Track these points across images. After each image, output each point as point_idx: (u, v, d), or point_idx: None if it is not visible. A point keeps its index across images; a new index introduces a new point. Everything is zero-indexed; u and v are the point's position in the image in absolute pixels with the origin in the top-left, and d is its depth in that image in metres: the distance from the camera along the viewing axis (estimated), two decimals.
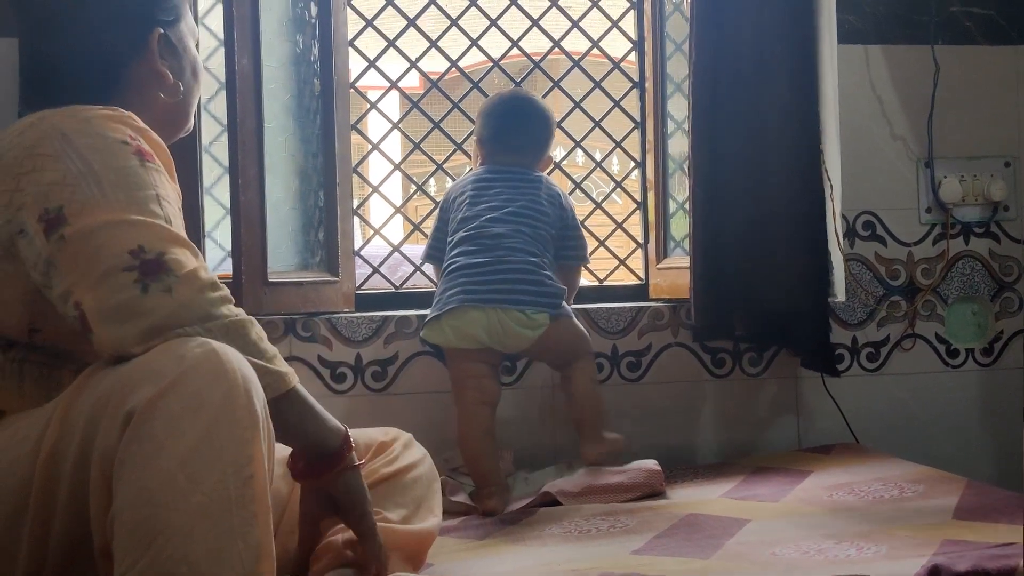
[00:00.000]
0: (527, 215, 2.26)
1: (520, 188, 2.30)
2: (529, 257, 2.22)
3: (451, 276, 2.22)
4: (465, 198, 2.31)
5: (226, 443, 1.14)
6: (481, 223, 2.24)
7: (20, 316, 1.33)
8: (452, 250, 2.26)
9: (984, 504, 1.90)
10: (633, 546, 1.77)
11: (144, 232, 1.26)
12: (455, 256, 2.24)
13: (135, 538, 1.09)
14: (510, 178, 2.32)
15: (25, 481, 1.21)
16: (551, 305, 2.20)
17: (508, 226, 2.23)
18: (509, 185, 2.30)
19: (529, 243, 2.24)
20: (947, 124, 2.68)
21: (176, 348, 1.18)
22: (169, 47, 1.53)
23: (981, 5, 2.71)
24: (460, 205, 2.31)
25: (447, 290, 2.21)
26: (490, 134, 2.39)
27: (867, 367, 2.65)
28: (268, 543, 1.15)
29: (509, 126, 2.39)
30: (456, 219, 2.30)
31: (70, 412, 1.21)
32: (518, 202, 2.27)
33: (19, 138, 1.33)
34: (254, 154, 2.23)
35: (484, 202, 2.28)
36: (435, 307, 2.22)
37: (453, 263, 2.23)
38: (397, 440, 1.75)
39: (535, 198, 2.30)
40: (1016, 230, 2.72)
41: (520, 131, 2.39)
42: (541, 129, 2.41)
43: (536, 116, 2.41)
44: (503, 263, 2.19)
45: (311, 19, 2.46)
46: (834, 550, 1.67)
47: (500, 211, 2.25)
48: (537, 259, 2.23)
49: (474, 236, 2.23)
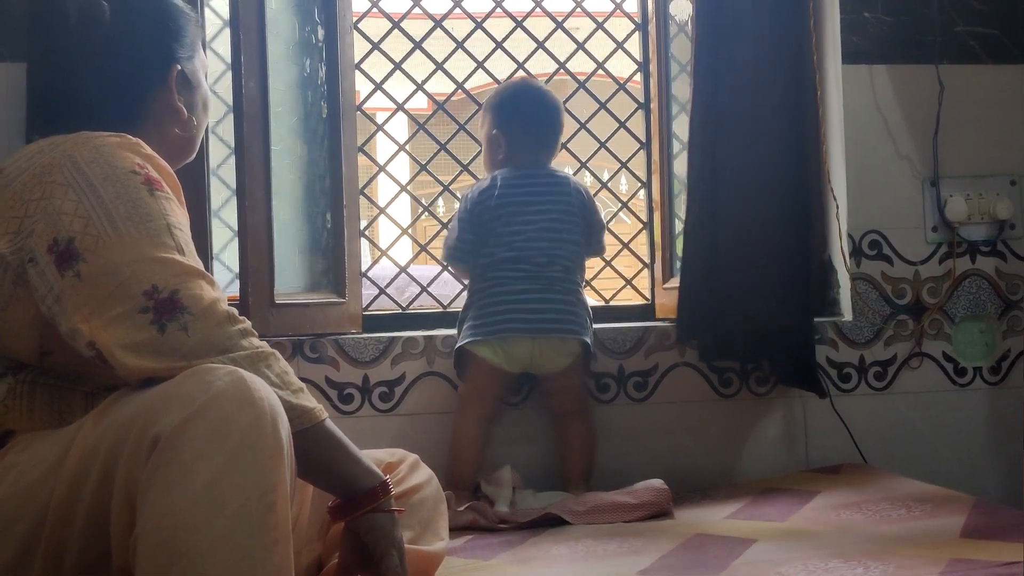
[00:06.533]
0: (564, 231, 2.39)
1: (553, 195, 2.40)
2: (569, 285, 2.38)
3: (499, 298, 2.33)
4: (501, 207, 2.37)
5: (251, 469, 1.15)
6: (525, 244, 2.35)
7: (31, 339, 1.34)
8: (496, 268, 2.35)
9: (991, 523, 1.89)
10: (640, 566, 1.77)
11: (158, 269, 1.27)
12: (500, 276, 2.34)
13: (158, 559, 1.10)
14: (542, 184, 2.41)
15: (43, 502, 1.22)
16: (579, 332, 2.35)
17: (549, 246, 2.35)
18: (542, 193, 2.40)
19: (569, 271, 2.39)
20: (952, 143, 2.68)
21: (204, 375, 1.19)
22: (185, 82, 1.56)
23: (986, 25, 2.71)
24: (496, 214, 2.37)
25: (497, 313, 2.32)
26: (515, 126, 2.45)
27: (874, 386, 2.65)
28: (288, 570, 1.16)
29: (534, 118, 2.47)
30: (493, 230, 2.37)
31: (93, 436, 1.22)
32: (551, 214, 2.38)
33: (28, 163, 1.35)
34: (261, 177, 2.25)
35: (522, 216, 2.36)
36: (484, 326, 2.32)
37: (499, 283, 2.34)
38: (403, 461, 1.76)
39: (566, 206, 2.40)
40: (1022, 248, 2.72)
41: (543, 122, 2.48)
42: (560, 117, 2.51)
43: (555, 105, 2.50)
44: (549, 292, 2.34)
45: (318, 42, 2.48)
46: (841, 569, 1.66)
47: (539, 226, 2.36)
48: (576, 287, 2.41)
49: (519, 258, 2.34)
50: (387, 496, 1.40)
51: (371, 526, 1.39)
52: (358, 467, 1.38)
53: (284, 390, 1.28)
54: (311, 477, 1.38)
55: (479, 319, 2.33)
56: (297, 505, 1.54)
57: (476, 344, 2.33)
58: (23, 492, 1.24)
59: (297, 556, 1.51)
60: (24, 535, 1.23)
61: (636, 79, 2.86)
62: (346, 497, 1.39)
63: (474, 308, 2.36)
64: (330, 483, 1.39)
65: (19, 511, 1.23)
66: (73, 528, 1.21)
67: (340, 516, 1.41)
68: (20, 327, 1.34)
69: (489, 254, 2.36)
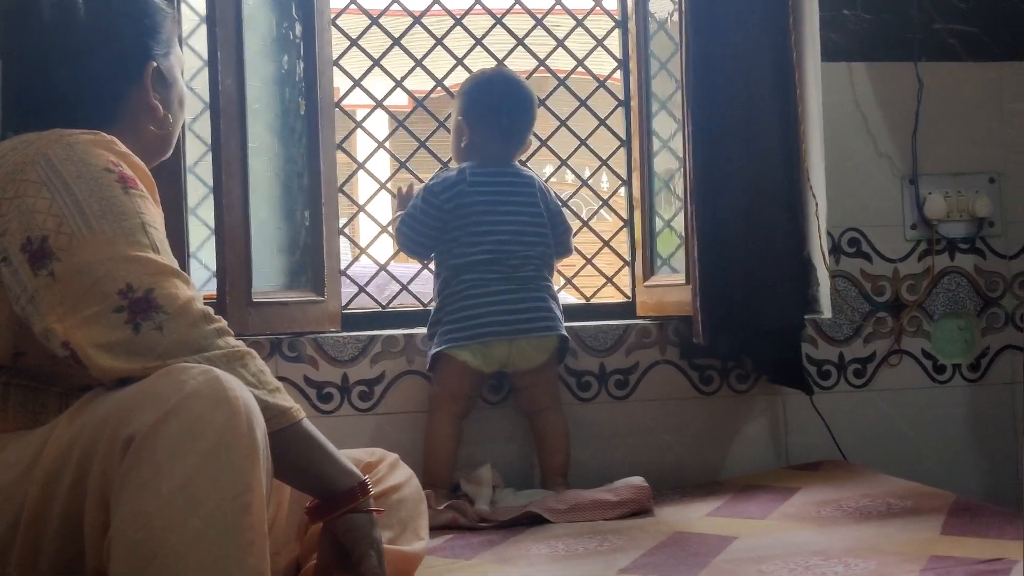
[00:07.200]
0: (534, 231, 2.40)
1: (522, 195, 2.41)
2: (542, 283, 2.40)
3: (475, 300, 2.33)
4: (471, 206, 2.36)
5: (225, 469, 1.14)
6: (497, 246, 2.35)
7: (5, 340, 1.33)
8: (469, 270, 2.34)
9: (972, 520, 1.91)
10: (620, 564, 1.77)
11: (132, 268, 1.26)
12: (475, 278, 2.34)
13: (132, 561, 1.09)
14: (510, 183, 2.41)
15: (19, 503, 1.21)
16: (556, 328, 2.37)
17: (524, 249, 2.37)
18: (511, 193, 2.40)
19: (540, 268, 2.40)
20: (931, 141, 2.69)
21: (177, 374, 1.18)
22: (160, 79, 1.55)
23: (964, 22, 2.72)
24: (465, 211, 2.36)
25: (476, 316, 2.31)
26: (483, 117, 2.43)
27: (854, 383, 2.66)
28: (264, 571, 1.15)
29: (503, 110, 2.44)
30: (463, 228, 2.36)
31: (67, 435, 1.21)
32: (520, 218, 2.38)
33: (1, 161, 1.34)
34: (238, 175, 2.24)
35: (493, 216, 2.36)
36: (462, 329, 2.32)
37: (474, 285, 2.34)
38: (383, 461, 1.75)
39: (534, 206, 2.41)
40: (1001, 246, 2.74)
41: (513, 114, 2.44)
42: (531, 111, 2.48)
43: (527, 98, 2.48)
44: (524, 292, 2.35)
45: (295, 39, 2.47)
46: (822, 567, 1.67)
47: (510, 228, 2.37)
48: (548, 284, 2.42)
49: (493, 260, 2.35)
50: (366, 496, 1.39)
51: (349, 527, 1.38)
52: (336, 467, 1.37)
53: (260, 389, 1.27)
54: (288, 478, 1.37)
55: (456, 323, 2.33)
56: (274, 506, 1.53)
57: (454, 347, 2.32)
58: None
59: (275, 557, 1.50)
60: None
61: (616, 76, 2.86)
62: (324, 498, 1.38)
63: (449, 311, 2.35)
64: (308, 483, 1.38)
65: None
66: (48, 528, 1.20)
67: (318, 517, 1.39)
68: None
69: (461, 254, 2.35)
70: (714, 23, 2.44)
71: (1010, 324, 2.74)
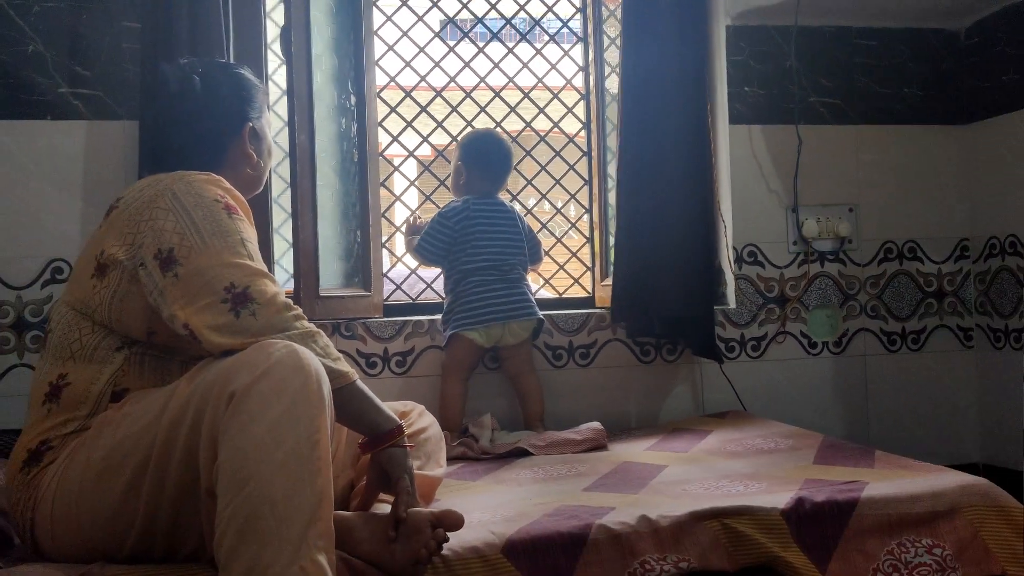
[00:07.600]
0: (517, 245, 2.39)
1: (507, 221, 2.39)
2: (524, 282, 2.39)
3: (479, 295, 2.31)
4: (474, 227, 2.35)
5: (301, 417, 1.14)
6: (493, 256, 2.34)
7: (141, 322, 1.33)
8: (475, 273, 2.32)
9: (836, 453, 1.91)
10: (584, 485, 1.78)
11: (235, 271, 1.26)
12: (479, 279, 2.32)
13: (233, 483, 1.10)
14: (499, 212, 2.40)
15: (150, 441, 1.21)
16: (535, 313, 2.36)
17: (511, 258, 2.36)
18: (500, 219, 2.38)
19: (522, 272, 2.39)
20: (807, 181, 2.69)
21: (266, 347, 1.18)
22: (255, 135, 1.54)
23: (831, 96, 2.73)
24: (470, 231, 2.34)
25: (481, 306, 2.30)
26: (478, 164, 2.43)
27: (751, 355, 2.66)
28: (328, 489, 1.15)
29: (492, 159, 2.44)
30: (468, 242, 2.34)
31: (186, 392, 1.21)
32: (508, 236, 2.37)
33: (139, 194, 1.34)
34: (309, 204, 2.23)
35: (489, 234, 2.35)
36: (470, 315, 2.30)
37: (479, 284, 2.32)
38: (414, 410, 1.75)
39: (516, 228, 2.40)
40: (858, 257, 2.74)
41: (503, 167, 2.45)
42: (510, 161, 2.48)
43: (508, 152, 2.48)
44: (514, 288, 2.34)
45: (351, 107, 2.46)
46: (727, 487, 1.68)
47: (501, 242, 2.36)
48: (527, 282, 2.41)
49: (490, 266, 2.33)
50: (401, 435, 1.39)
51: (390, 457, 1.38)
52: (380, 415, 1.37)
53: (326, 358, 1.27)
54: (346, 422, 1.37)
55: (466, 311, 2.31)
56: (335, 443, 1.54)
57: (466, 330, 2.31)
58: (136, 433, 1.23)
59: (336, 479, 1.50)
60: (136, 464, 1.22)
61: (581, 135, 2.86)
62: (371, 436, 1.38)
63: (460, 303, 2.33)
64: (360, 426, 1.39)
65: (134, 447, 1.22)
66: (172, 459, 1.20)
67: (367, 450, 1.40)
68: (133, 314, 1.33)
69: (468, 262, 2.33)
70: (647, 97, 2.43)
71: (863, 313, 2.74)
